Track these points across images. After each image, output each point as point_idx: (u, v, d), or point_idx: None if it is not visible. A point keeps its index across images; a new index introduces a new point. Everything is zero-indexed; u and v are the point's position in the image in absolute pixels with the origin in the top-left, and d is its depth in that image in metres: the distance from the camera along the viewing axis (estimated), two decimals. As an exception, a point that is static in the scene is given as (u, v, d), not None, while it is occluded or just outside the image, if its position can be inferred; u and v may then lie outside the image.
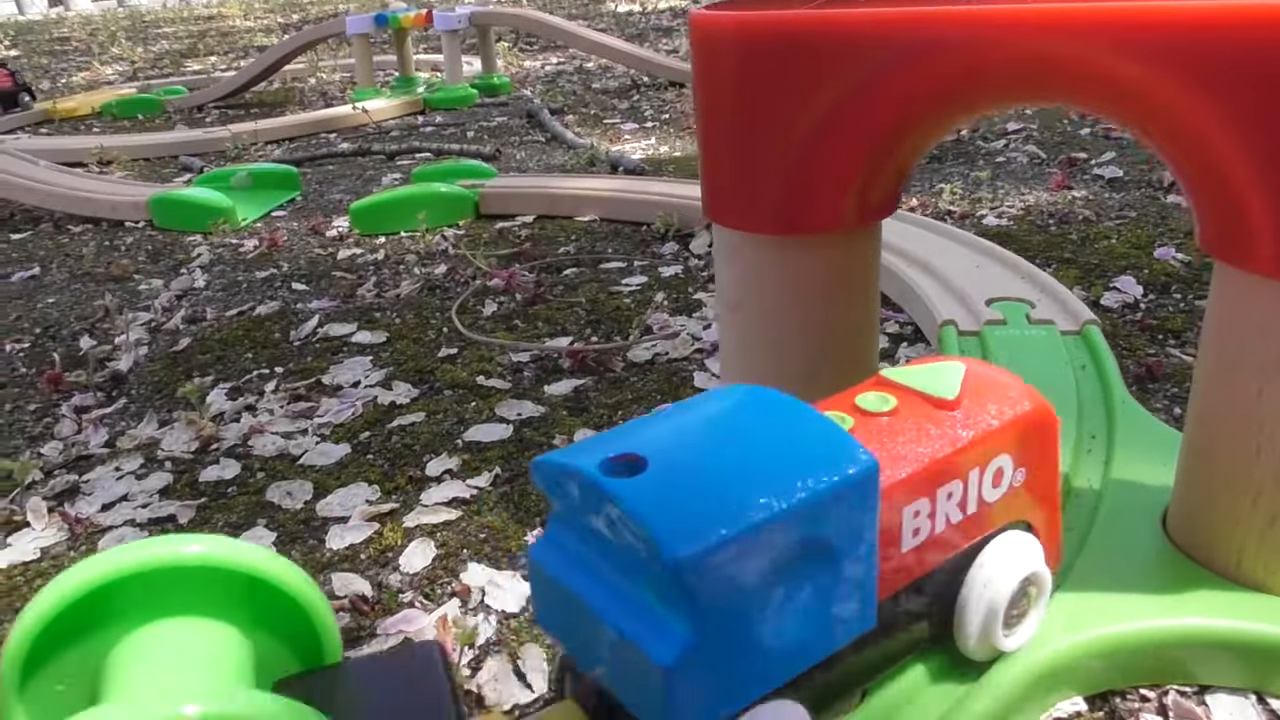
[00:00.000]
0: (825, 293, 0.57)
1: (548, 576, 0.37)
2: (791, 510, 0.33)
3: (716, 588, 0.32)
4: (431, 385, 0.91)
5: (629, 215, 1.38)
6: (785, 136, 0.53)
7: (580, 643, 0.37)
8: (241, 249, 1.41)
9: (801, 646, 0.36)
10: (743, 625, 0.34)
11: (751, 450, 0.35)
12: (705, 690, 0.34)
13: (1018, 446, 0.43)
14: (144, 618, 0.38)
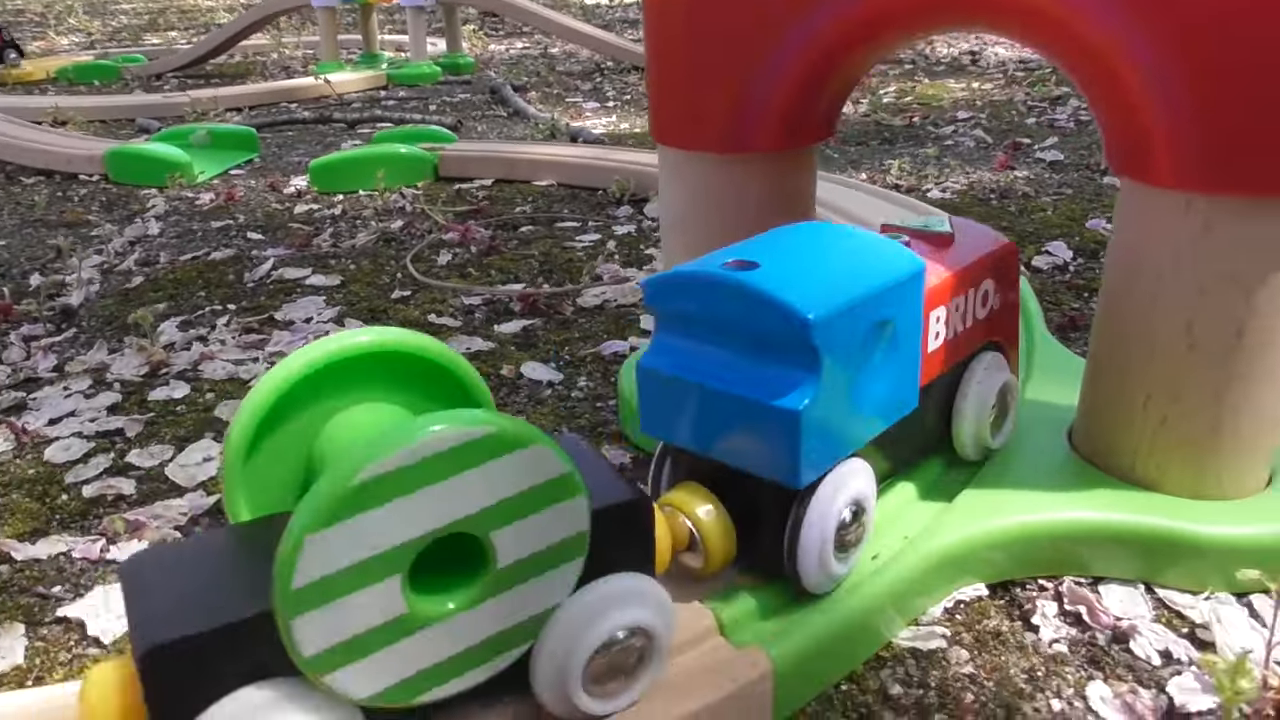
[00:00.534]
0: (764, 210, 0.60)
1: (662, 376, 0.44)
2: (876, 291, 0.42)
3: (833, 346, 0.40)
4: (383, 323, 0.93)
5: (586, 180, 1.40)
6: (730, 60, 0.55)
7: (694, 430, 0.43)
8: (197, 202, 1.41)
9: (878, 411, 0.45)
10: (845, 384, 0.42)
11: (835, 254, 0.45)
12: (821, 437, 0.41)
13: (995, 274, 0.53)
14: (344, 402, 0.39)
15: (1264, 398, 0.50)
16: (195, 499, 0.64)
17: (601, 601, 0.37)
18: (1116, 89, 0.48)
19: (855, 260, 0.44)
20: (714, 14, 0.55)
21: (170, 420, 0.75)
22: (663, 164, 0.62)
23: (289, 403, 0.38)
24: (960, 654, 0.48)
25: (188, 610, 0.31)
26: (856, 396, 0.43)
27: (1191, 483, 0.53)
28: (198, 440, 0.71)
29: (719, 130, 0.58)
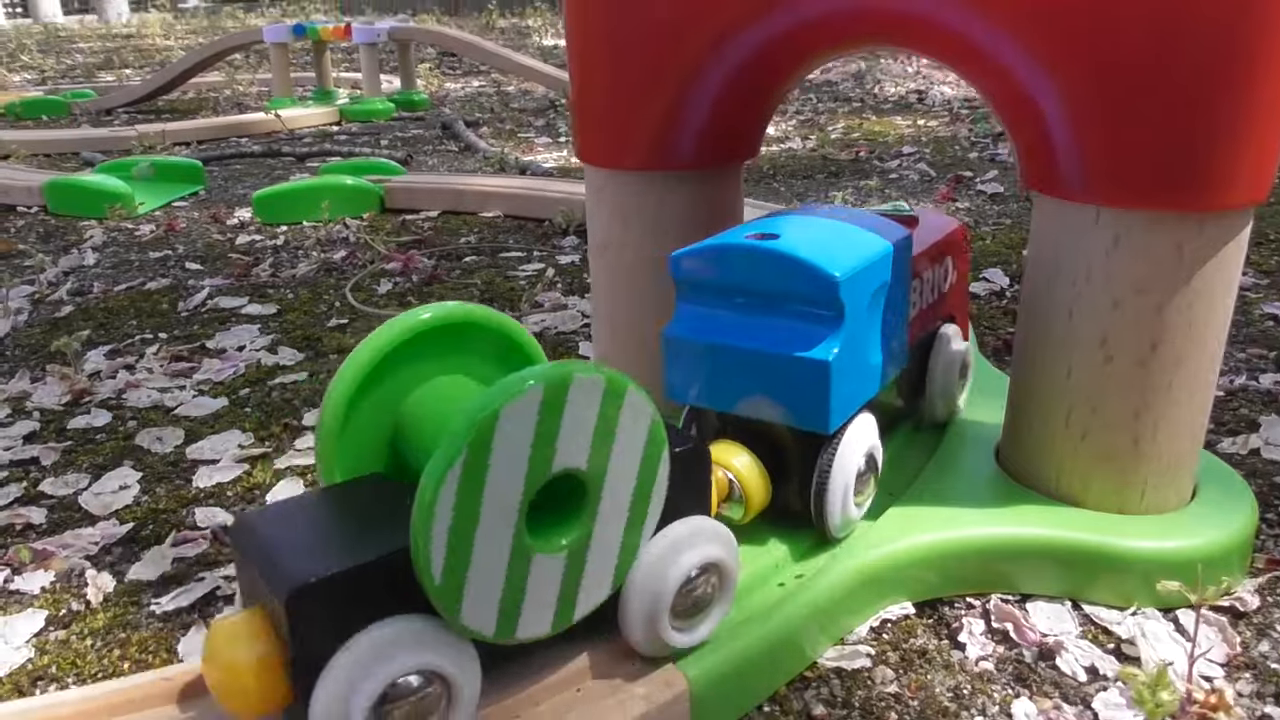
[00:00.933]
0: (689, 228, 0.60)
1: (689, 342, 0.48)
2: (880, 255, 0.48)
3: (853, 303, 0.46)
4: (317, 350, 0.91)
5: (533, 212, 1.40)
6: (651, 79, 0.55)
7: (724, 391, 0.48)
8: (137, 233, 1.38)
9: (882, 366, 0.50)
10: (861, 339, 0.47)
11: (839, 227, 0.50)
12: (845, 386, 0.47)
13: (954, 252, 0.61)
14: (421, 374, 0.42)
15: (1182, 411, 0.51)
16: (107, 528, 0.61)
17: (681, 541, 0.40)
18: (1026, 107, 0.48)
19: (856, 231, 0.50)
20: (635, 34, 0.55)
21: (88, 448, 0.72)
22: (589, 185, 0.62)
23: (375, 375, 0.41)
24: (885, 673, 0.47)
25: (322, 553, 0.34)
26: (868, 351, 0.49)
27: (1115, 498, 0.53)
28: (115, 468, 0.69)
29: (642, 148, 0.57)
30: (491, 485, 0.33)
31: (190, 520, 0.62)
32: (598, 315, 0.65)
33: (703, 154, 0.57)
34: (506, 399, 0.33)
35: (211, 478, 0.67)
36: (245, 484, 0.67)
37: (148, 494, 0.66)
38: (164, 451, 0.72)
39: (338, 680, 0.33)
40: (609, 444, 0.36)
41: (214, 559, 0.58)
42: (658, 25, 0.54)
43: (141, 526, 0.62)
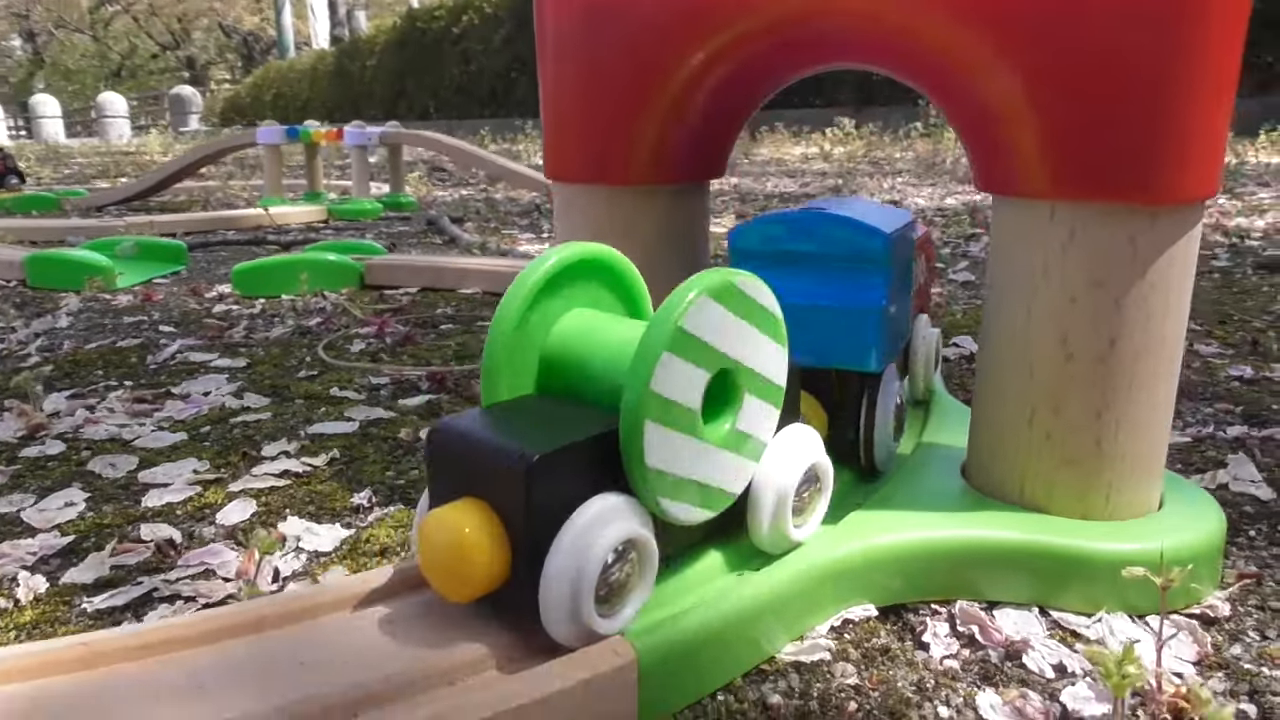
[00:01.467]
0: (656, 243, 0.60)
1: None
2: (903, 229, 0.59)
3: (891, 264, 0.55)
4: (284, 396, 0.90)
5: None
6: (621, 96, 0.57)
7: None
8: (114, 302, 1.39)
9: (900, 329, 0.60)
10: (891, 299, 0.55)
11: (872, 210, 0.59)
12: (887, 334, 0.55)
13: (926, 252, 0.69)
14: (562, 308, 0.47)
15: (1143, 410, 0.50)
16: (47, 539, 0.59)
17: (798, 443, 0.48)
18: (985, 107, 0.50)
19: (881, 211, 0.60)
20: (614, 49, 0.57)
21: (38, 474, 0.71)
22: (558, 201, 0.63)
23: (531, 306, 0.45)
24: (846, 668, 0.45)
25: (542, 437, 0.39)
26: (895, 312, 0.57)
27: (1079, 503, 0.52)
28: (63, 489, 0.67)
29: (609, 163, 0.59)
30: (679, 381, 0.40)
31: (134, 534, 0.60)
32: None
33: (676, 170, 0.59)
34: (685, 306, 0.39)
35: (161, 498, 0.65)
36: (195, 504, 0.65)
37: (93, 511, 0.64)
38: (115, 476, 0.70)
39: (574, 544, 0.38)
40: (754, 343, 0.44)
41: (155, 566, 0.56)
42: (638, 40, 0.56)
43: (83, 539, 0.60)
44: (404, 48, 10.62)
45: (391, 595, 0.44)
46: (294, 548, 0.58)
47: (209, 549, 0.57)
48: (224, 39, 26.13)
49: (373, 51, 11.42)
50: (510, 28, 9.02)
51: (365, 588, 0.44)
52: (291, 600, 0.43)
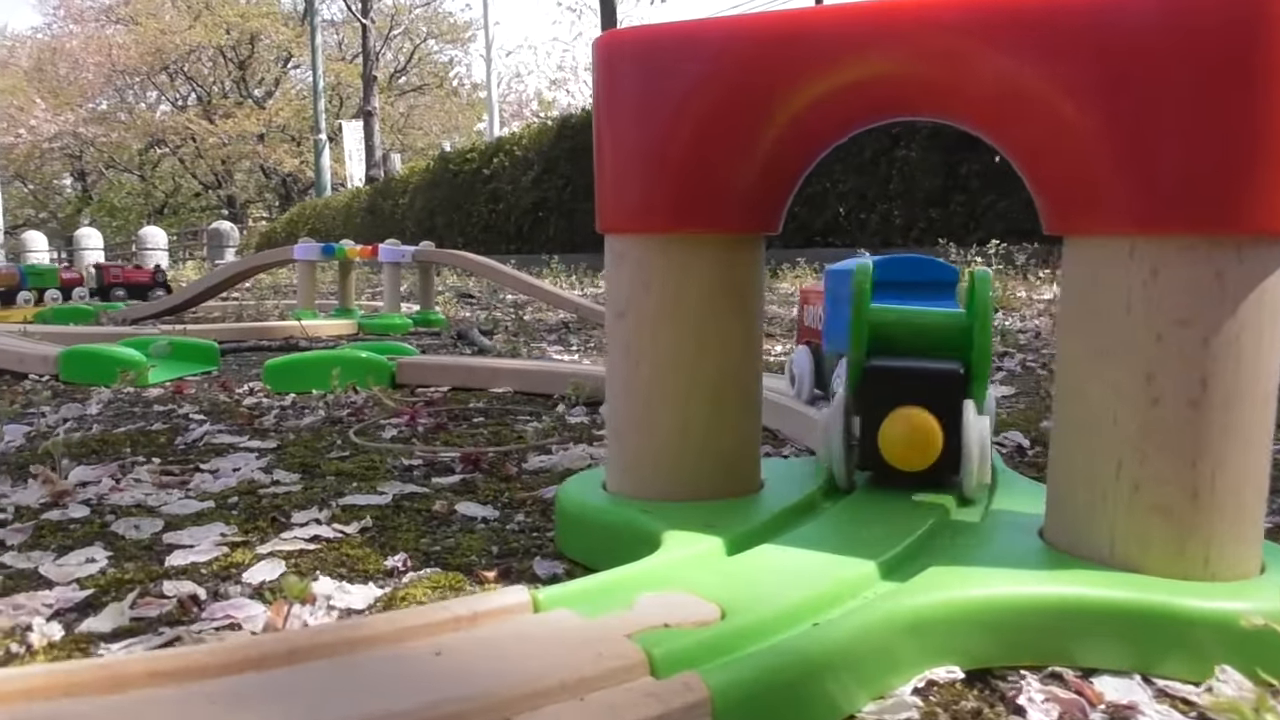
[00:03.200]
0: (708, 297, 0.59)
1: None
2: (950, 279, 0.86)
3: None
4: (314, 473, 0.87)
5: (543, 387, 1.40)
6: (678, 140, 0.57)
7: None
8: (145, 394, 1.38)
9: None
10: None
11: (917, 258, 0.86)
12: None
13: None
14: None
15: (1239, 456, 0.47)
16: (66, 592, 0.56)
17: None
18: (1063, 143, 0.49)
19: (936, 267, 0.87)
20: (658, 88, 0.57)
21: (59, 534, 0.68)
22: (610, 256, 0.62)
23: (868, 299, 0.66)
24: (935, 728, 0.40)
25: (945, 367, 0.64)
26: None
27: (1176, 561, 0.48)
28: (85, 548, 0.64)
29: (663, 209, 0.58)
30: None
31: (157, 589, 0.57)
32: (612, 383, 0.62)
33: (722, 218, 0.58)
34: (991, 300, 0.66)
35: (186, 558, 0.62)
36: (222, 564, 0.61)
37: (115, 567, 0.61)
38: (139, 537, 0.67)
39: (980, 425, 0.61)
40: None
41: (178, 619, 0.52)
42: (679, 94, 0.56)
43: (103, 593, 0.56)
44: (436, 187, 11.03)
45: (434, 632, 0.41)
46: (325, 605, 0.55)
47: (234, 602, 0.54)
48: (264, 179, 27.30)
49: (405, 190, 11.87)
50: (539, 169, 9.36)
51: (403, 624, 0.41)
52: (324, 632, 0.39)
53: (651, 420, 0.60)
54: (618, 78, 0.59)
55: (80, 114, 23.83)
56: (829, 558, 0.50)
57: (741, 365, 0.61)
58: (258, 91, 25.66)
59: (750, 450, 0.63)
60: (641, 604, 0.42)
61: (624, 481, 0.62)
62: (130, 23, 23.96)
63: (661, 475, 0.60)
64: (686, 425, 0.60)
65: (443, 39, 26.48)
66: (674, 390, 0.59)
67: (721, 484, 0.61)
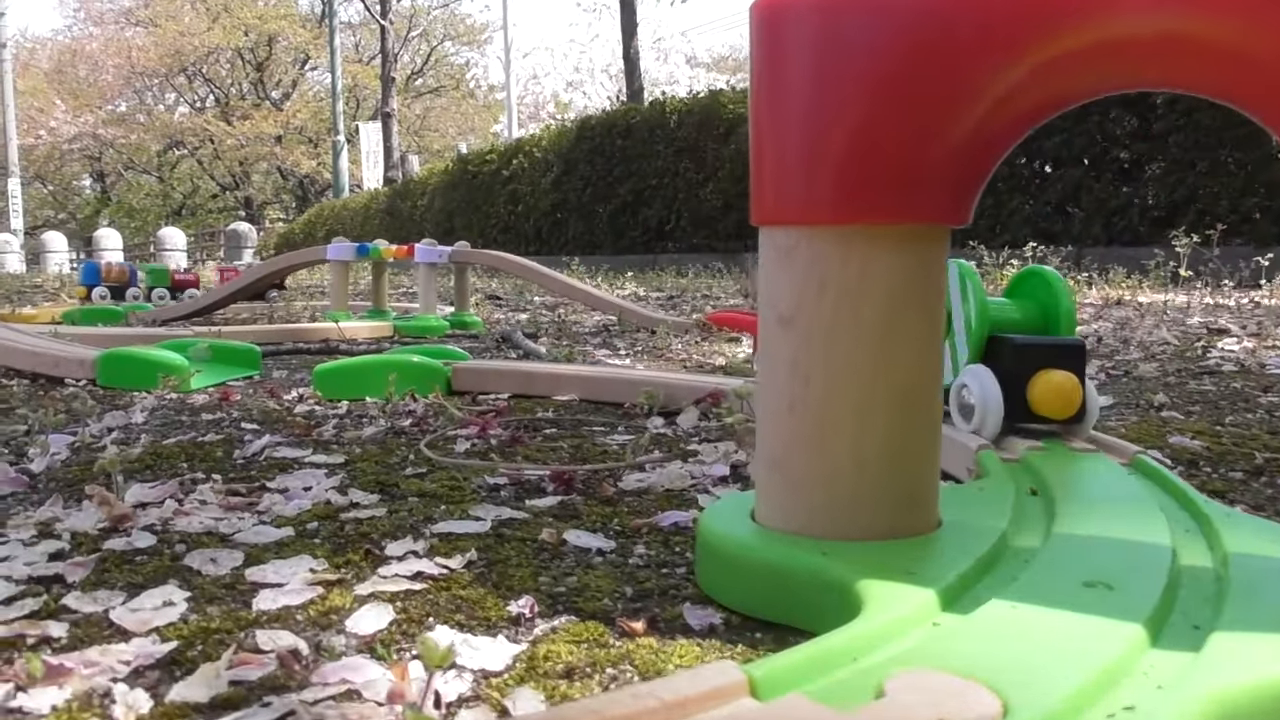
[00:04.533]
0: (892, 299, 0.50)
1: None
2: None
3: None
4: (394, 494, 0.79)
5: (611, 395, 1.31)
6: (864, 115, 0.48)
7: None
8: (190, 400, 1.30)
9: None
10: None
11: None
12: None
13: None
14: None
15: None
16: (144, 645, 0.48)
17: None
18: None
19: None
20: (837, 56, 0.48)
21: (126, 568, 0.59)
22: (770, 252, 0.53)
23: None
24: None
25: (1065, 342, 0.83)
26: None
27: None
28: (158, 586, 0.56)
29: (841, 195, 0.49)
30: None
31: (250, 642, 0.48)
32: (771, 399, 0.54)
33: (910, 204, 0.49)
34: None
35: (276, 600, 0.54)
36: (318, 608, 0.53)
37: (197, 613, 0.52)
38: (218, 573, 0.58)
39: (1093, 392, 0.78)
40: None
41: (282, 683, 0.44)
42: (862, 62, 0.48)
43: (188, 646, 0.48)
44: (455, 188, 10.98)
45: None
46: (451, 664, 0.46)
47: (345, 663, 0.45)
48: (281, 181, 27.39)
49: (424, 192, 11.82)
50: (559, 170, 9.29)
51: (605, 715, 0.32)
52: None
53: (823, 444, 0.51)
54: (787, 46, 0.50)
55: (100, 115, 23.99)
56: (1080, 620, 0.41)
57: (926, 378, 0.52)
58: (275, 93, 25.77)
59: (933, 478, 0.54)
60: (897, 690, 0.33)
61: (784, 514, 0.53)
62: (150, 25, 24.10)
63: (835, 508, 0.51)
64: (865, 449, 0.51)
65: (459, 41, 26.52)
66: (851, 408, 0.50)
67: (903, 519, 0.52)
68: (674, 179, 8.10)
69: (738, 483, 0.84)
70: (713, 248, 7.71)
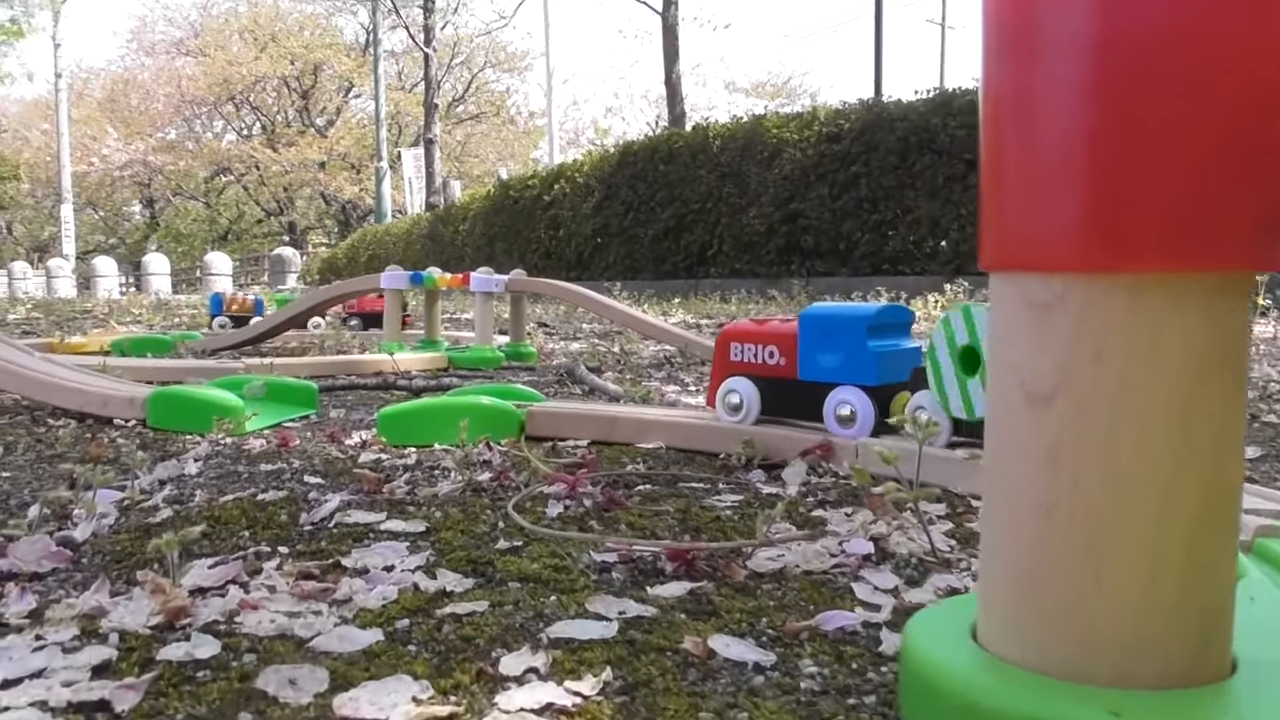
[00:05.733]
0: (1192, 368, 0.38)
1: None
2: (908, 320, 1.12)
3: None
4: (489, 576, 0.67)
5: (704, 444, 1.19)
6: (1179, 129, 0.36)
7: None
8: (245, 446, 1.20)
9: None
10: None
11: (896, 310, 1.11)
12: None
13: None
14: None
15: None
16: (214, 826, 0.36)
17: None
18: None
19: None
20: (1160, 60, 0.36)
21: (186, 691, 0.48)
22: (1014, 307, 0.41)
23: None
24: None
25: None
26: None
27: None
28: (227, 722, 0.44)
29: (1145, 230, 0.37)
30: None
31: (351, 820, 0.37)
32: (1013, 495, 0.41)
33: (1248, 249, 0.37)
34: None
35: (377, 747, 0.42)
36: (432, 761, 0.41)
37: None
38: (300, 701, 0.47)
39: None
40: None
41: None
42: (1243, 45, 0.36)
43: (270, 826, 0.36)
44: (496, 214, 10.97)
45: None
46: None
47: None
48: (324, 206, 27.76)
49: (465, 217, 11.83)
50: (600, 195, 9.23)
51: None
52: None
53: (1098, 559, 0.39)
54: (1046, 32, 0.38)
55: (150, 143, 24.53)
56: None
57: (1231, 472, 0.39)
58: (319, 120, 26.19)
59: (1230, 603, 0.41)
60: None
61: (1034, 647, 0.41)
62: (199, 54, 24.65)
63: (1113, 645, 0.39)
64: (1158, 567, 0.38)
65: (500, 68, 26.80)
66: (1142, 514, 0.38)
67: (1199, 658, 0.39)
68: (716, 204, 8.01)
69: (884, 563, 0.72)
70: (755, 273, 7.59)
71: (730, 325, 1.20)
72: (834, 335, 1.05)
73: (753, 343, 1.15)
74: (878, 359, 1.02)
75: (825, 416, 1.09)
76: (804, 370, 1.09)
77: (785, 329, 1.13)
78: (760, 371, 1.14)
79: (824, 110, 7.45)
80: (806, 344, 1.08)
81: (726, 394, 1.17)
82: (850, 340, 1.04)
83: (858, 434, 1.05)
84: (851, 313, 1.05)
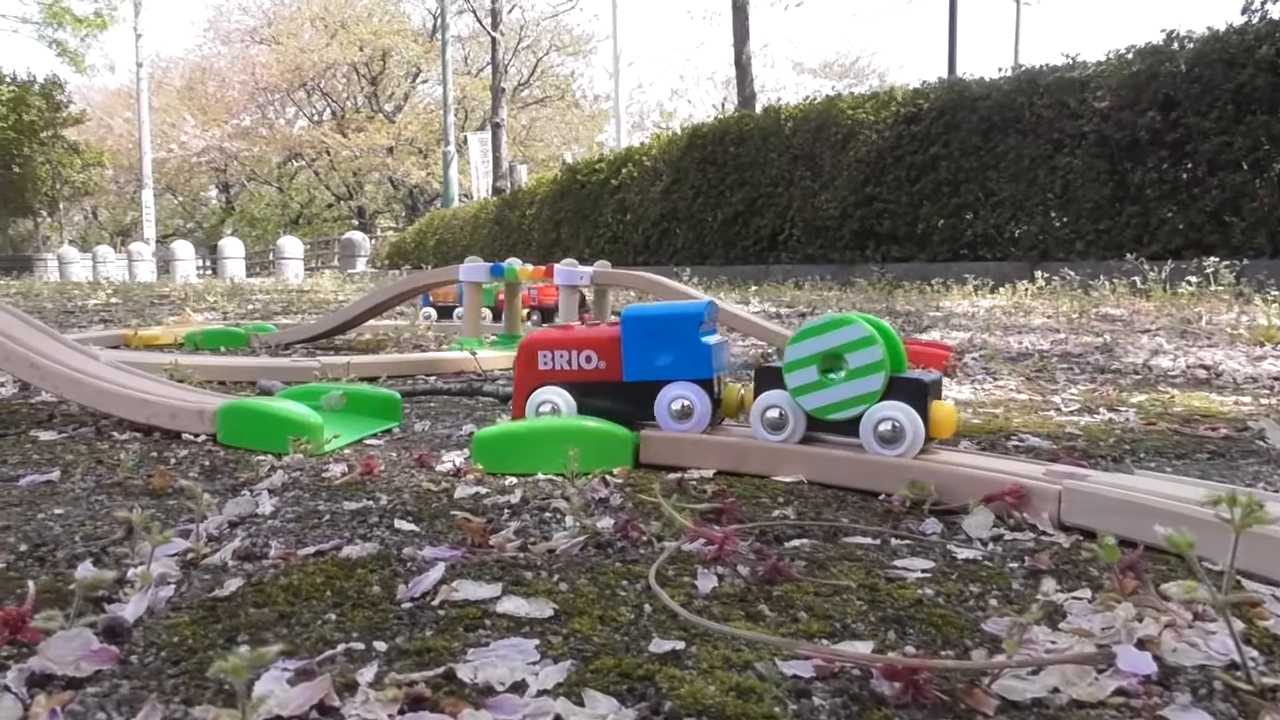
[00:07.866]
0: None
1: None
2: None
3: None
4: (656, 705, 0.51)
5: (852, 480, 1.01)
6: None
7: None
8: (325, 473, 1.05)
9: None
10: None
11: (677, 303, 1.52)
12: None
13: None
14: None
15: None
16: None
17: None
18: None
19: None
20: None
21: None
22: None
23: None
24: None
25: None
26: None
27: None
28: None
29: None
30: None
31: None
32: None
33: None
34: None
35: None
36: None
37: None
38: None
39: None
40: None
41: None
42: None
43: None
44: (563, 198, 10.84)
45: None
46: None
47: None
48: (392, 191, 28.04)
49: (532, 201, 11.73)
50: (668, 179, 9.03)
51: None
52: None
53: None
54: None
55: (226, 130, 25.02)
56: None
57: None
58: (388, 106, 26.41)
59: None
60: None
61: None
62: (273, 42, 25.02)
63: None
64: None
65: (565, 51, 26.68)
66: None
67: None
68: (788, 187, 7.75)
69: (1175, 686, 0.53)
70: (828, 258, 7.33)
71: (532, 334, 1.21)
72: (664, 334, 1.08)
73: (564, 349, 1.15)
74: (711, 352, 1.08)
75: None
76: (630, 371, 1.11)
77: (602, 333, 1.14)
78: (575, 377, 1.15)
79: (901, 90, 7.13)
80: (631, 345, 1.10)
81: (539, 405, 1.16)
82: (683, 337, 1.08)
83: (695, 427, 1.10)
84: (681, 310, 1.09)
